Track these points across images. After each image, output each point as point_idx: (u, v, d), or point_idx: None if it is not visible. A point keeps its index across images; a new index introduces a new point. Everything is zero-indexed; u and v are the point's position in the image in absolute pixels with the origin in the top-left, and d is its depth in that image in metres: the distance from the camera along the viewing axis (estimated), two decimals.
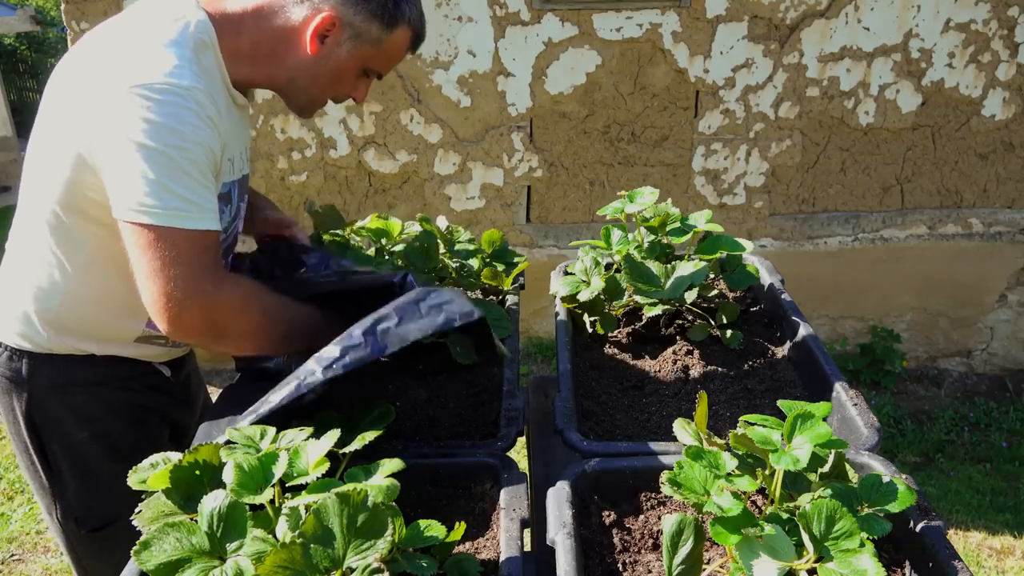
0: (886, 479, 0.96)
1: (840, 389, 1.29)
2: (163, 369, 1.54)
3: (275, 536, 0.92)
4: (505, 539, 0.99)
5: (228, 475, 0.94)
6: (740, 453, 0.99)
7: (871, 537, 0.89)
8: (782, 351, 1.53)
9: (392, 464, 1.04)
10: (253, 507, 0.93)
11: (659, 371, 1.48)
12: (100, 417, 1.45)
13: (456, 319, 1.13)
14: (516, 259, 1.73)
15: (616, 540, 1.05)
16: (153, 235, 1.19)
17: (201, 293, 1.22)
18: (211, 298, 1.23)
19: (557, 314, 1.61)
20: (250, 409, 1.12)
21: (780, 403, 1.11)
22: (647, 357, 1.53)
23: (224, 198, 1.36)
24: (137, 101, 1.16)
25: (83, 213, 1.30)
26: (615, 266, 1.65)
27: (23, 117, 11.05)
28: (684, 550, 0.89)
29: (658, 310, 1.51)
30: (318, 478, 0.97)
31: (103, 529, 1.49)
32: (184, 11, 1.27)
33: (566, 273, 1.74)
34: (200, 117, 1.20)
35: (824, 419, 0.97)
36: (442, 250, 1.66)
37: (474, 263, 1.68)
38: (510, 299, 1.67)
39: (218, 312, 1.24)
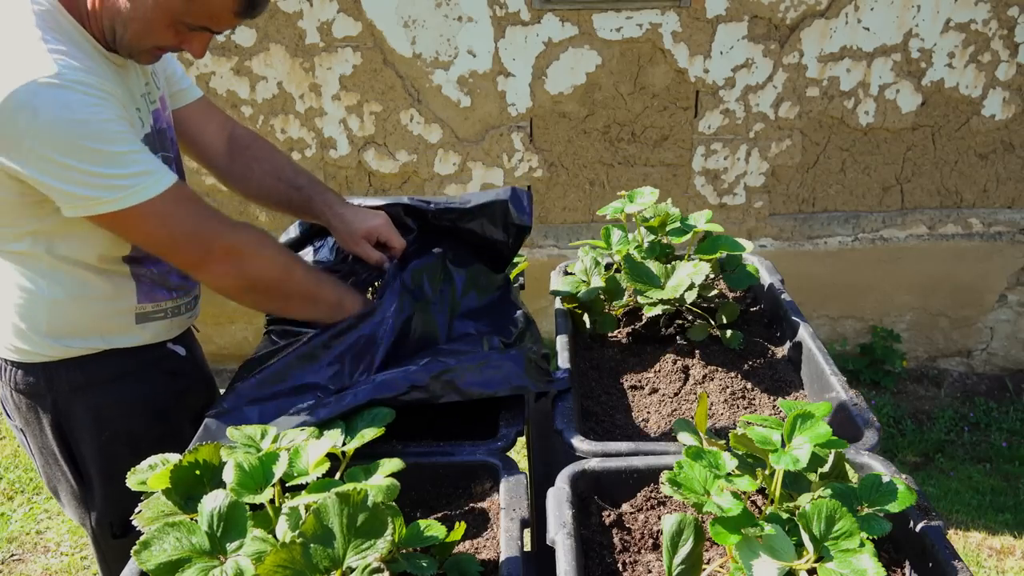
0: (886, 479, 0.96)
1: (840, 389, 1.29)
2: (177, 349, 1.53)
3: (275, 536, 0.92)
4: (505, 539, 0.99)
5: (228, 475, 0.94)
6: (740, 453, 1.00)
7: (871, 537, 0.89)
8: (782, 351, 1.53)
9: (392, 464, 1.04)
10: (253, 507, 0.93)
11: (659, 371, 1.48)
12: (121, 415, 1.44)
13: (509, 387, 1.27)
14: (516, 259, 1.73)
15: (616, 540, 1.05)
16: (131, 217, 1.20)
17: (220, 246, 1.28)
18: (231, 248, 1.28)
19: (557, 314, 1.61)
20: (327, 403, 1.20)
21: (780, 403, 1.11)
22: (647, 357, 1.53)
23: None
24: (21, 119, 1.11)
25: (12, 226, 1.27)
26: (615, 266, 1.65)
27: None
28: (684, 550, 0.89)
29: (658, 310, 1.51)
30: (318, 478, 0.97)
31: (131, 532, 1.49)
32: None
33: (566, 273, 1.74)
34: (86, 94, 1.15)
35: (824, 419, 0.97)
36: None
37: None
38: None
39: (242, 259, 1.30)
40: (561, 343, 1.49)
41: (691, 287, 1.47)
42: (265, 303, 1.42)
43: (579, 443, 1.18)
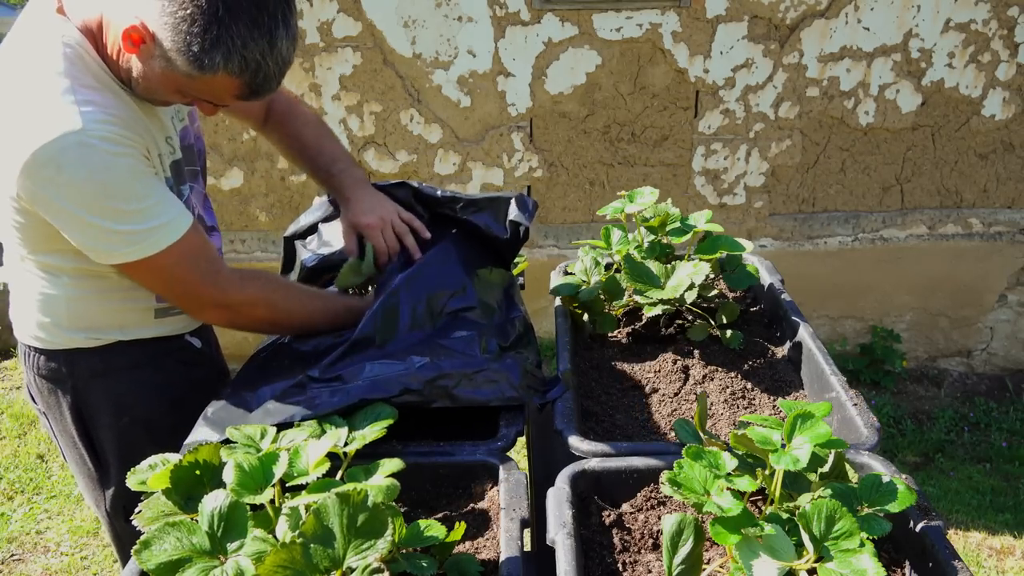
0: (886, 479, 0.96)
1: (840, 389, 1.29)
2: (193, 341, 1.57)
3: (275, 536, 0.92)
4: (505, 539, 0.99)
5: (228, 475, 0.94)
6: (740, 453, 1.00)
7: (871, 537, 0.89)
8: (782, 351, 1.53)
9: (392, 464, 1.04)
10: (253, 507, 0.94)
11: (659, 371, 1.48)
12: (138, 402, 1.48)
13: (502, 398, 1.27)
14: (516, 259, 1.73)
15: (616, 540, 1.05)
16: (139, 267, 1.28)
17: (209, 303, 1.36)
18: (220, 305, 1.37)
19: (557, 314, 1.61)
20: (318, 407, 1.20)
21: (780, 403, 1.11)
22: (647, 357, 1.53)
23: None
24: (46, 172, 1.16)
25: (47, 245, 1.32)
26: (615, 266, 1.65)
27: None
28: (684, 550, 0.89)
29: (658, 310, 1.51)
30: (318, 478, 0.97)
31: None
32: (51, 30, 1.24)
33: (566, 273, 1.74)
34: (108, 152, 1.19)
35: (824, 419, 0.97)
36: None
37: None
38: None
39: (231, 312, 1.38)
40: (561, 343, 1.49)
41: (691, 287, 1.47)
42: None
43: (579, 443, 1.18)
